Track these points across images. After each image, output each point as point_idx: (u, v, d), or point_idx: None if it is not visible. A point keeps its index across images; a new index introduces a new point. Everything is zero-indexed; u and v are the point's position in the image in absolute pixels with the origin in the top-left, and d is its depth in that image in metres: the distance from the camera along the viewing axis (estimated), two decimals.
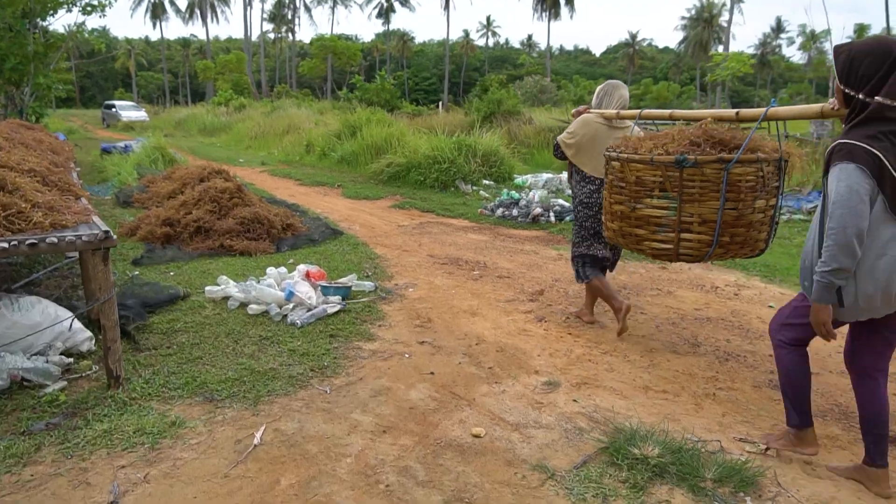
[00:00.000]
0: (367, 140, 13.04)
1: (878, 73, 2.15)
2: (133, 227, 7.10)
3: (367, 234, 7.41)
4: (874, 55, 2.16)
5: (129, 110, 33.37)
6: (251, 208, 6.88)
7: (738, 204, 2.94)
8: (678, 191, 2.97)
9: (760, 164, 2.92)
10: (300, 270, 4.86)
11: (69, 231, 3.09)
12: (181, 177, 9.00)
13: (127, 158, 12.09)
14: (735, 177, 2.89)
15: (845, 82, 2.25)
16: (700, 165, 2.89)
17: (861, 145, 2.14)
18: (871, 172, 2.12)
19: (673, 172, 2.96)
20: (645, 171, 3.07)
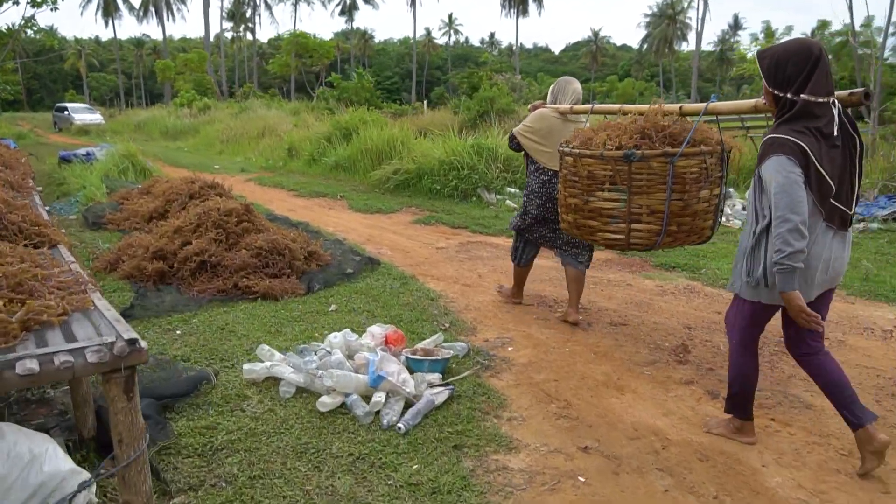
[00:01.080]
0: (364, 144, 11.61)
1: (802, 73, 2.30)
2: (112, 259, 5.59)
3: (407, 262, 6.03)
4: (797, 57, 2.31)
5: (82, 113, 31.09)
6: (266, 235, 5.45)
7: (684, 195, 3.06)
8: (627, 184, 3.08)
9: (704, 156, 3.03)
10: (374, 334, 3.49)
11: (58, 340, 1.69)
12: (164, 192, 7.48)
13: (91, 168, 10.43)
14: (680, 169, 3.00)
15: (773, 84, 2.38)
16: (647, 159, 3.00)
17: (790, 139, 2.27)
18: (798, 163, 2.25)
19: (622, 166, 3.05)
20: (596, 166, 3.16)
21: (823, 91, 2.31)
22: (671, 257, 6.11)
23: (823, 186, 2.31)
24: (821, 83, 2.30)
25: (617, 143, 3.10)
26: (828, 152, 2.33)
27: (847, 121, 2.40)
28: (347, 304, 4.63)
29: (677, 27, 71.13)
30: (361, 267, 5.59)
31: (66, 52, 64.94)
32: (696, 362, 3.76)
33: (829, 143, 2.33)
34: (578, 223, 3.41)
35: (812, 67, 2.29)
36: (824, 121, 2.32)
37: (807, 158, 2.27)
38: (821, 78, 2.30)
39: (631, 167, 3.04)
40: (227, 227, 5.37)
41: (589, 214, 3.30)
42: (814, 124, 2.31)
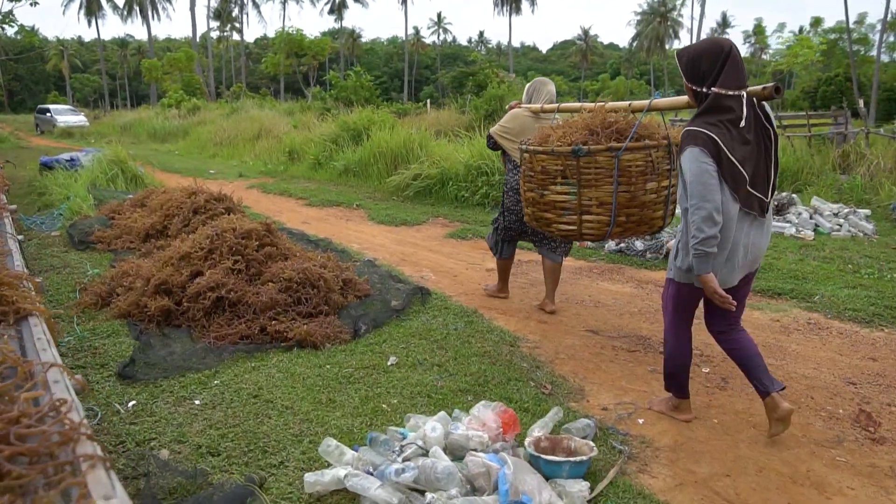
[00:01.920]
0: (377, 146, 10.59)
1: (714, 68, 2.45)
2: (104, 292, 4.58)
3: (459, 289, 5.06)
4: (710, 53, 2.47)
5: (65, 115, 29.81)
6: (294, 262, 4.45)
7: (631, 187, 3.18)
8: (577, 177, 3.23)
9: (648, 150, 3.15)
10: (484, 421, 2.50)
11: None
12: (161, 205, 6.45)
13: (76, 176, 9.35)
14: (625, 163, 3.14)
15: (690, 80, 2.54)
16: (593, 154, 3.15)
17: (702, 131, 2.41)
18: (710, 153, 2.39)
19: (571, 161, 3.21)
20: (549, 161, 3.32)
21: (734, 85, 2.44)
22: (769, 280, 5.18)
23: (736, 175, 2.43)
24: (732, 78, 2.43)
25: (569, 140, 3.25)
26: (740, 143, 2.44)
27: (762, 113, 2.52)
28: (408, 353, 3.64)
29: (669, 25, 70.70)
30: (410, 298, 4.60)
31: (48, 53, 63.32)
32: (893, 438, 2.80)
33: (741, 133, 2.44)
34: (536, 215, 3.57)
35: (723, 63, 2.43)
36: (735, 113, 2.43)
37: (718, 149, 2.39)
38: (732, 73, 2.43)
39: (579, 161, 3.19)
40: (247, 253, 4.36)
41: (544, 207, 3.45)
42: (726, 116, 2.43)
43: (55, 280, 5.21)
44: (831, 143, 11.71)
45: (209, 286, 4.05)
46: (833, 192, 9.35)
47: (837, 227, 7.39)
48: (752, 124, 2.49)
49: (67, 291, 4.88)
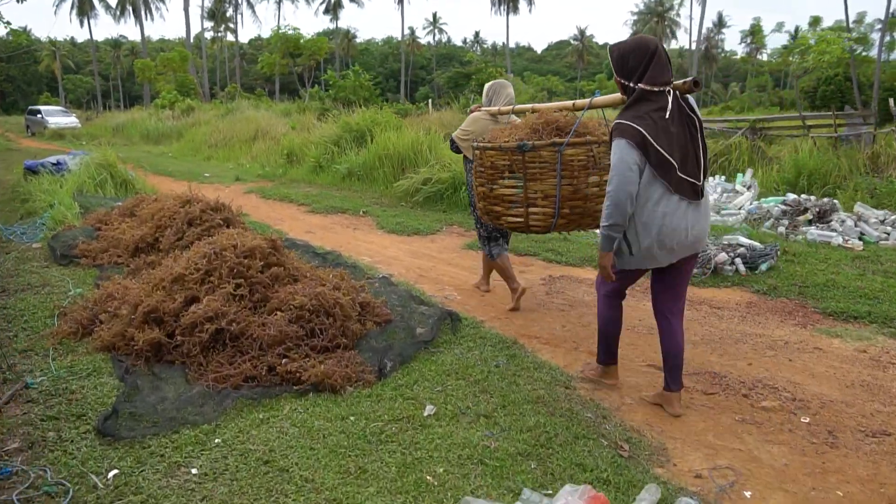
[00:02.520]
0: (382, 149, 9.98)
1: (641, 65, 2.63)
2: (85, 318, 3.97)
3: (490, 312, 4.48)
4: (638, 51, 2.65)
5: (56, 116, 29.10)
6: (305, 285, 3.84)
7: (574, 180, 3.37)
8: (523, 171, 3.42)
9: (590, 145, 3.36)
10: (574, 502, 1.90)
11: None
12: (152, 214, 5.84)
13: (61, 181, 8.71)
14: (568, 157, 3.33)
15: (619, 74, 2.72)
16: (538, 149, 3.35)
17: (629, 124, 2.60)
18: (637, 146, 2.58)
19: (517, 156, 3.41)
20: (497, 157, 3.52)
21: (659, 81, 2.63)
22: (837, 300, 4.61)
23: (664, 163, 2.60)
24: (657, 74, 2.63)
25: (515, 138, 3.44)
26: (666, 133, 2.61)
27: (685, 104, 2.69)
28: (446, 400, 3.04)
29: (666, 25, 70.40)
30: (438, 325, 4.00)
31: (40, 54, 62.46)
32: None
33: (667, 124, 2.61)
34: (487, 209, 3.74)
35: (649, 61, 2.63)
36: (660, 105, 2.62)
37: (645, 141, 2.58)
38: (657, 70, 2.63)
39: (524, 156, 3.36)
40: (251, 275, 3.76)
41: (494, 200, 3.61)
42: (652, 108, 2.62)
43: (31, 302, 4.60)
44: (857, 144, 11.16)
45: (207, 316, 3.44)
46: (867, 196, 8.79)
47: (885, 236, 6.82)
48: (676, 115, 2.65)
49: (44, 317, 4.27)
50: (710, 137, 12.82)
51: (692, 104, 2.72)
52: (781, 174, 9.73)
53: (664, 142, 2.60)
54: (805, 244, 6.25)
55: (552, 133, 3.44)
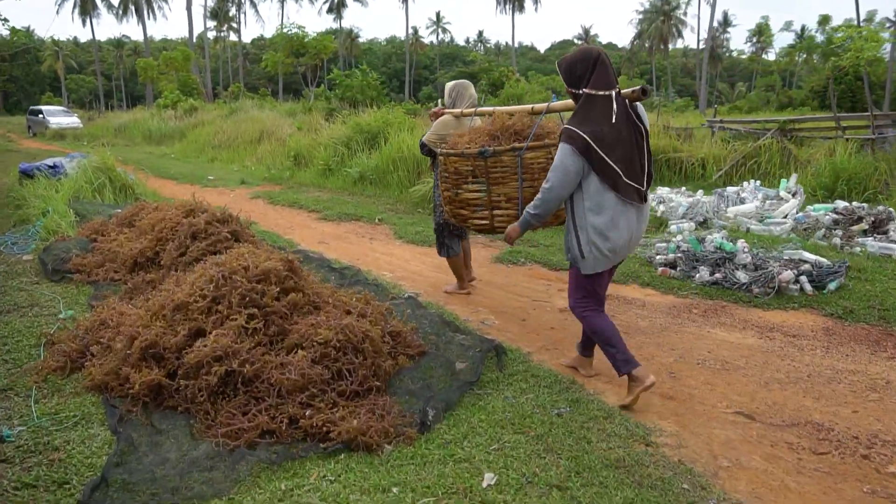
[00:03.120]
0: (396, 151, 9.44)
1: (587, 72, 2.81)
2: (75, 351, 3.46)
3: (538, 342, 3.94)
4: (583, 59, 2.84)
5: (58, 116, 28.61)
6: (329, 314, 3.31)
7: (535, 182, 3.44)
8: (486, 176, 3.56)
9: (548, 147, 3.43)
10: None
11: None
12: (152, 225, 5.31)
13: (58, 185, 8.18)
14: (528, 161, 3.45)
15: (569, 84, 2.90)
16: (499, 155, 3.48)
17: (574, 130, 2.77)
18: (580, 151, 2.77)
19: (480, 162, 3.54)
20: (460, 163, 3.65)
21: (603, 86, 2.81)
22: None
23: (608, 170, 2.78)
24: (601, 80, 2.81)
25: (478, 143, 3.60)
26: (613, 138, 2.77)
27: (633, 112, 2.87)
28: (507, 463, 2.50)
29: (672, 24, 69.83)
30: (481, 360, 3.45)
31: (43, 54, 62.06)
32: None
33: (613, 129, 2.78)
34: (454, 212, 3.90)
35: (594, 66, 2.82)
36: (607, 109, 2.79)
37: (588, 148, 2.76)
38: (601, 76, 2.81)
39: (487, 162, 3.52)
40: (265, 303, 3.22)
41: (460, 204, 3.78)
42: (598, 113, 2.79)
43: (16, 326, 4.08)
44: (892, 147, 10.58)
45: (215, 355, 2.90)
46: None
47: None
48: (623, 120, 2.80)
49: (29, 346, 3.75)
50: (738, 139, 12.26)
51: (640, 112, 2.92)
52: (818, 179, 9.17)
53: (608, 148, 2.76)
54: (867, 258, 5.68)
55: (511, 138, 3.55)
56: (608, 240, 2.87)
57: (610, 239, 2.87)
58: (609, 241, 2.88)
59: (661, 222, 7.45)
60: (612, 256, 2.93)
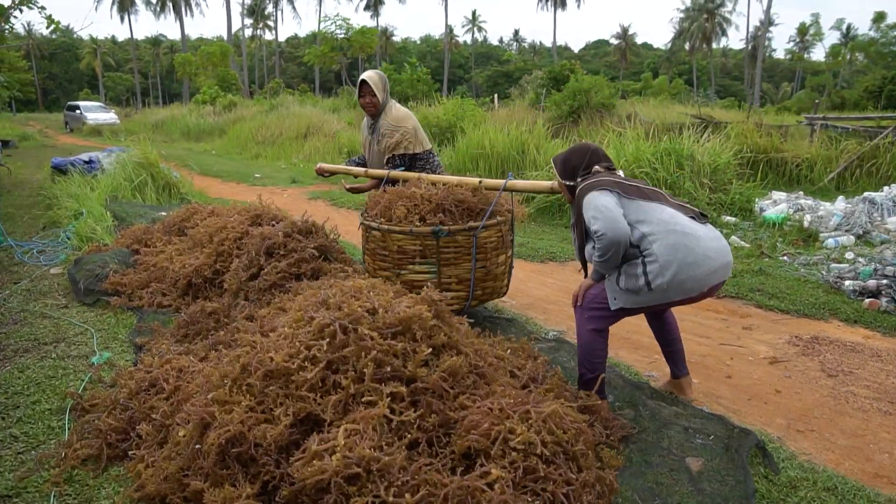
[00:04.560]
0: (476, 147, 8.21)
1: (583, 161, 2.62)
2: (115, 430, 2.31)
3: (770, 415, 2.67)
4: (579, 153, 2.66)
5: (95, 112, 28.02)
6: (504, 390, 2.07)
7: (487, 262, 3.30)
8: (436, 257, 3.21)
9: (500, 225, 3.30)
10: None
11: None
12: (210, 234, 4.20)
13: (93, 183, 7.13)
14: (482, 240, 3.23)
15: (563, 177, 2.67)
16: (454, 234, 3.16)
17: (595, 180, 2.50)
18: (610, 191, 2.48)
19: (430, 241, 3.18)
20: (406, 241, 3.23)
21: (605, 164, 2.64)
22: None
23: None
24: (601, 161, 2.65)
25: (419, 215, 3.21)
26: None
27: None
28: None
29: (716, 22, 67.80)
30: (742, 465, 2.20)
31: (81, 52, 62.34)
32: None
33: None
34: None
35: (591, 156, 2.64)
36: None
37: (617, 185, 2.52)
38: (599, 158, 2.66)
39: (439, 242, 3.17)
40: (412, 373, 2.01)
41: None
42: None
43: (34, 375, 2.97)
44: None
45: (348, 472, 1.70)
46: None
47: None
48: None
49: (50, 411, 2.62)
50: (848, 138, 10.82)
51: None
52: None
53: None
54: None
55: (463, 213, 3.22)
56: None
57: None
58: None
59: (808, 234, 6.11)
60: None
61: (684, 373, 2.82)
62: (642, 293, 2.38)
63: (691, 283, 2.32)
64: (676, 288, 2.33)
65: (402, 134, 3.77)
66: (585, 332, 2.56)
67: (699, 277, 2.32)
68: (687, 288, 2.33)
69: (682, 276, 2.30)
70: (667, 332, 2.76)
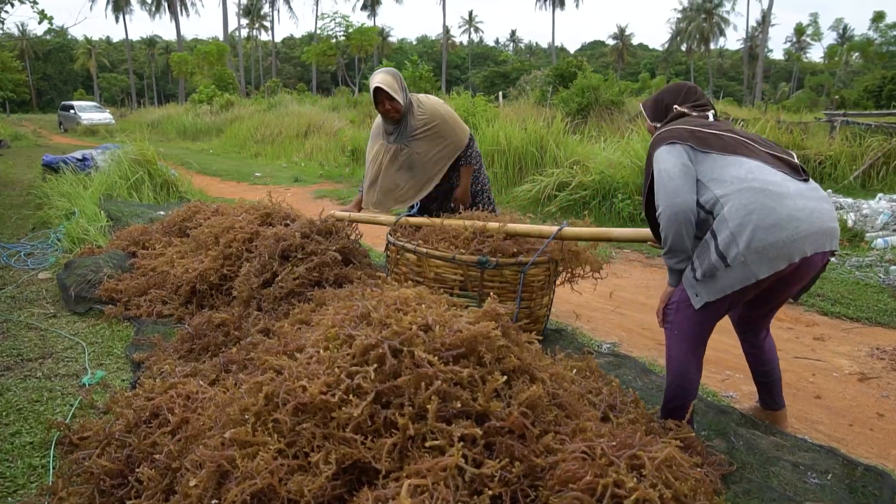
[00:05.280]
0: (492, 144, 7.80)
1: (676, 100, 2.24)
2: (110, 472, 1.89)
3: (880, 445, 2.27)
4: (673, 90, 2.29)
5: (90, 111, 27.55)
6: (596, 428, 1.66)
7: (531, 303, 2.97)
8: (479, 290, 2.88)
9: (550, 263, 2.96)
10: None
11: None
12: (215, 235, 3.77)
13: (86, 181, 6.70)
14: (529, 277, 2.90)
15: (653, 119, 2.29)
16: (501, 267, 2.85)
17: (666, 129, 2.13)
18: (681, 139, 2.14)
19: (474, 272, 2.87)
20: (446, 269, 2.92)
21: (698, 107, 2.27)
22: None
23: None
24: (693, 104, 2.29)
25: (461, 242, 2.93)
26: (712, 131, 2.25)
27: None
28: None
29: (714, 22, 67.74)
30: None
31: (75, 52, 61.78)
32: None
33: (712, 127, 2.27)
34: None
35: (685, 94, 2.29)
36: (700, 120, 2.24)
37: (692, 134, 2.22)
38: (693, 98, 2.30)
39: (483, 274, 2.87)
40: (483, 408, 1.60)
41: None
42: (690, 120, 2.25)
43: (14, 399, 2.58)
44: None
45: None
46: None
47: None
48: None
49: (31, 445, 2.20)
50: (872, 135, 10.46)
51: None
52: None
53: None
54: None
55: (511, 247, 2.92)
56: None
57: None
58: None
59: (853, 234, 5.72)
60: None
61: (782, 405, 2.43)
62: (720, 274, 1.93)
63: (774, 252, 1.85)
64: (757, 259, 1.85)
65: (451, 129, 3.33)
66: (676, 352, 2.13)
67: (782, 244, 1.84)
68: (771, 258, 1.85)
69: (759, 244, 1.84)
70: (766, 360, 2.33)
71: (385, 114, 3.34)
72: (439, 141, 3.35)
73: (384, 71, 3.35)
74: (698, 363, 2.12)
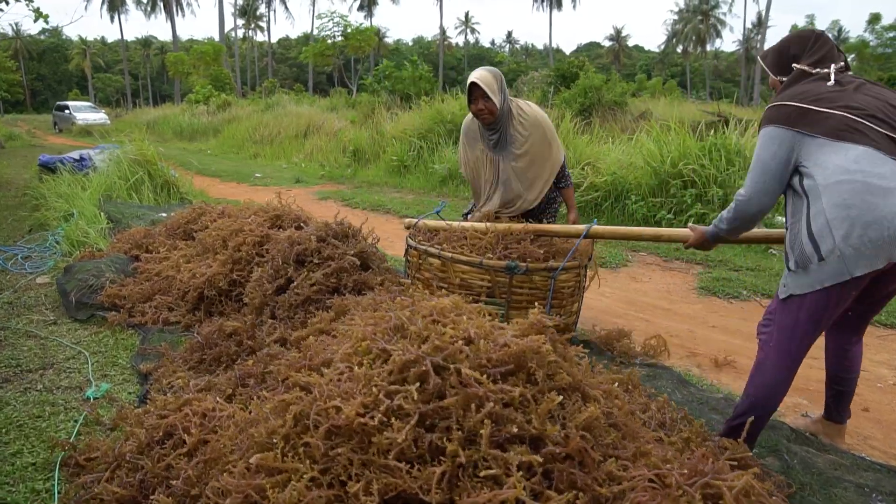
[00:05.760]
0: None
1: (803, 51, 2.05)
2: (121, 500, 1.66)
3: None
4: (800, 39, 2.09)
5: (85, 112, 27.30)
6: (662, 464, 1.49)
7: (561, 310, 2.88)
8: (507, 297, 2.77)
9: (580, 269, 2.88)
10: None
11: None
12: (222, 237, 3.61)
13: (85, 182, 6.52)
14: (559, 283, 2.80)
15: (775, 72, 2.11)
16: (530, 273, 2.72)
17: (777, 103, 1.98)
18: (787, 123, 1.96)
19: (503, 278, 2.73)
20: (473, 274, 2.78)
21: (822, 62, 2.06)
22: None
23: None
24: (821, 56, 2.07)
25: (488, 245, 2.80)
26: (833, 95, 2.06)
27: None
28: None
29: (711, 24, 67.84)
30: None
31: (70, 52, 61.45)
32: None
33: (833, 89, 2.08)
34: None
35: (813, 44, 2.08)
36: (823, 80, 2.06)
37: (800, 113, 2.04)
38: (822, 50, 2.09)
39: (512, 280, 2.72)
40: (538, 432, 1.44)
41: None
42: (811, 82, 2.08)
43: (14, 413, 2.45)
44: None
45: None
46: None
47: None
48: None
49: (33, 466, 2.04)
50: None
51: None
52: None
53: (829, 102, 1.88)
54: None
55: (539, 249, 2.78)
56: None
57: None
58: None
59: None
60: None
61: (846, 419, 2.30)
62: (812, 267, 1.82)
63: (871, 249, 1.73)
64: (853, 257, 1.74)
65: (548, 146, 3.08)
66: (769, 366, 1.98)
67: (882, 241, 1.71)
68: (867, 255, 1.73)
69: (855, 241, 1.72)
70: (848, 367, 2.20)
71: (477, 113, 3.04)
72: (537, 160, 3.07)
73: (485, 69, 3.07)
74: (789, 380, 1.97)
